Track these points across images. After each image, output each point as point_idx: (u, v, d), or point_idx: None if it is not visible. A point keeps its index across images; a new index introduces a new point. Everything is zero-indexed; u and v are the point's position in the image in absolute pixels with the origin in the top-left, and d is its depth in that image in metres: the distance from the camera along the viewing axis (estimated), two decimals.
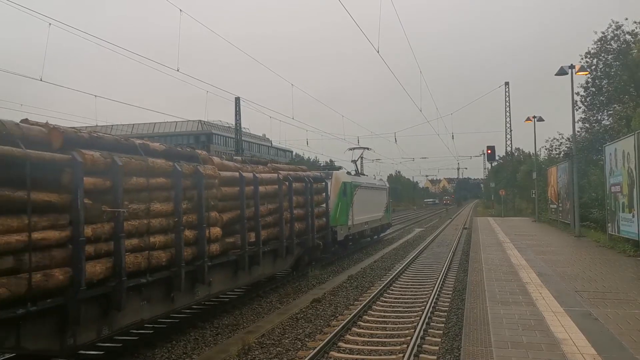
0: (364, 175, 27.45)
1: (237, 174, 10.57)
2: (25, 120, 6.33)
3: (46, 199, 5.91)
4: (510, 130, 55.39)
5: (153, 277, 7.65)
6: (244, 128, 63.63)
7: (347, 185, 20.32)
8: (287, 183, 13.14)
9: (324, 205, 16.66)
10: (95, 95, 50.68)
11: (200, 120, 79.45)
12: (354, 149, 27.11)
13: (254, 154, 78.72)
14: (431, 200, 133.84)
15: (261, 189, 11.48)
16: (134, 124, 79.37)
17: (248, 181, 10.90)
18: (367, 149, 28.65)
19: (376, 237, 27.23)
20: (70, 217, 6.17)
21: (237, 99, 51.62)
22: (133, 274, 7.19)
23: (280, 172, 13.29)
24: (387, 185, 31.60)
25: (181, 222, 8.24)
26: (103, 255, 6.69)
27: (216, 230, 9.46)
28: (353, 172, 23.84)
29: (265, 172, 12.46)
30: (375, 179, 30.75)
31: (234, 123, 54.53)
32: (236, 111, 52.31)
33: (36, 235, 5.71)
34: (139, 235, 7.35)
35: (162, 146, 8.56)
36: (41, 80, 20.84)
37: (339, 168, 22.35)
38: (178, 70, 21.73)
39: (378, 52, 20.27)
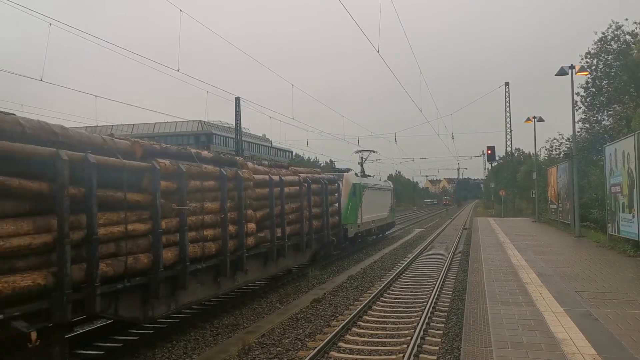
0: (370, 176, 28.35)
1: (267, 177, 12.04)
2: (112, 135, 7.68)
3: (135, 198, 7.38)
4: (510, 131, 55.37)
5: (206, 264, 9.15)
6: (244, 128, 63.65)
7: (357, 187, 21.53)
8: (306, 185, 14.47)
9: (336, 204, 18.18)
10: (96, 96, 50.54)
11: (201, 121, 79.44)
12: (360, 151, 28.22)
13: (254, 154, 78.76)
14: (429, 200, 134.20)
15: (286, 189, 12.88)
16: (134, 124, 79.36)
17: (275, 183, 12.34)
18: (373, 151, 29.64)
19: (381, 235, 28.36)
20: (150, 213, 7.63)
21: (237, 99, 51.62)
22: (192, 261, 8.64)
23: (300, 174, 14.69)
24: (392, 186, 32.74)
25: (226, 219, 9.72)
26: (172, 244, 8.17)
27: (252, 226, 10.95)
28: (359, 174, 24.84)
29: (288, 174, 13.88)
30: (380, 180, 32.34)
31: (234, 123, 54.53)
32: (236, 111, 52.31)
33: (129, 227, 7.18)
34: (195, 229, 8.83)
35: (211, 154, 10.29)
36: (41, 80, 20.85)
37: (348, 170, 23.19)
38: (178, 71, 21.77)
39: (378, 52, 20.27)
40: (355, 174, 23.45)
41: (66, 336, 6.57)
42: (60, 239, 5.96)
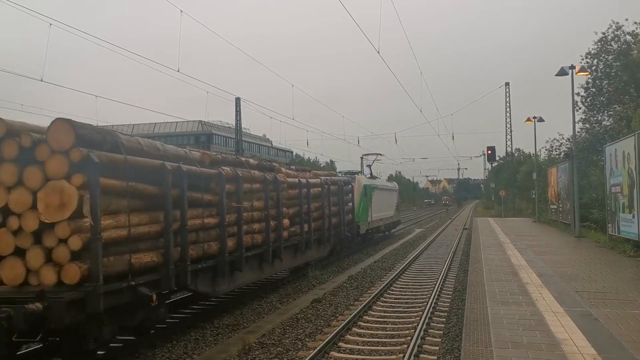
0: (377, 178, 29.85)
1: (297, 180, 14.10)
2: (184, 146, 9.94)
3: (208, 198, 9.37)
4: (511, 131, 55.37)
5: (254, 252, 11.15)
6: (244, 128, 63.66)
7: (367, 188, 23.21)
8: (326, 186, 16.57)
9: (350, 204, 20.02)
10: (96, 96, 50.56)
11: (201, 121, 79.45)
12: (367, 155, 30.46)
13: (254, 154, 78.71)
14: (427, 200, 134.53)
15: (311, 190, 14.99)
16: (134, 124, 79.35)
17: (303, 185, 14.40)
18: (380, 154, 31.32)
19: (388, 232, 29.91)
20: (218, 210, 9.59)
21: (238, 100, 51.63)
22: (245, 249, 10.59)
23: (321, 177, 16.76)
24: (397, 187, 34.64)
25: (269, 215, 11.78)
26: (232, 235, 10.08)
27: (286, 221, 12.99)
28: (368, 175, 26.67)
29: (311, 177, 15.94)
30: (387, 181, 34.49)
31: (234, 123, 54.55)
32: (236, 111, 52.33)
33: (205, 220, 9.15)
34: (247, 223, 10.81)
35: (255, 161, 12.62)
36: (42, 80, 20.86)
37: (359, 172, 25.01)
38: (178, 71, 21.75)
39: (378, 52, 20.28)
40: (365, 176, 25.16)
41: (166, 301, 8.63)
42: (166, 228, 7.99)
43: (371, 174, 27.90)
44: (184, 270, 8.26)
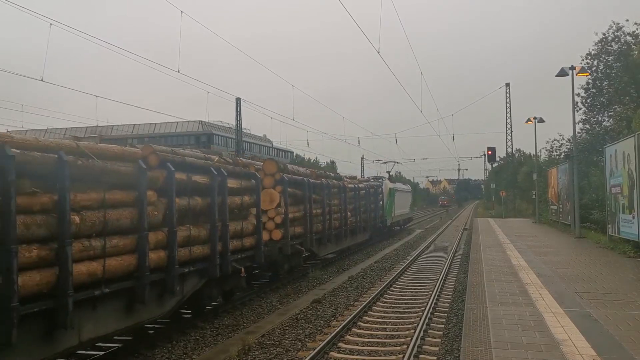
0: (396, 182, 38.00)
1: (353, 185, 21.34)
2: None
3: (315, 197, 15.80)
4: (511, 131, 55.33)
5: (336, 232, 18.27)
6: (245, 129, 63.66)
7: (391, 190, 30.05)
8: (370, 189, 24.08)
9: (381, 202, 27.25)
10: (96, 96, 50.55)
11: (201, 121, 79.42)
12: (387, 162, 40.32)
13: (254, 154, 78.57)
14: (442, 197, 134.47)
15: (360, 192, 22.25)
16: (134, 124, 79.36)
17: (357, 189, 21.70)
18: (397, 162, 41.59)
19: (404, 226, 36.57)
20: (322, 205, 16.57)
21: (238, 100, 51.64)
22: (333, 229, 17.73)
23: (362, 183, 24.18)
24: (411, 189, 43.16)
25: (345, 209, 19.15)
26: (319, 222, 16.50)
27: (349, 214, 19.87)
28: (387, 178, 32.63)
29: (358, 183, 23.58)
30: (403, 184, 42.25)
31: (234, 123, 54.56)
32: (237, 112, 52.34)
33: (316, 211, 15.94)
34: (329, 213, 17.20)
35: (332, 174, 20.56)
36: (42, 80, 20.89)
37: (384, 178, 31.26)
38: (179, 72, 21.75)
39: (379, 52, 20.30)
40: (388, 180, 31.96)
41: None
42: (305, 215, 14.96)
43: (391, 177, 35.11)
44: (327, 234, 16.92)
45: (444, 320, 9.84)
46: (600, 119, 31.45)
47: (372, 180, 29.19)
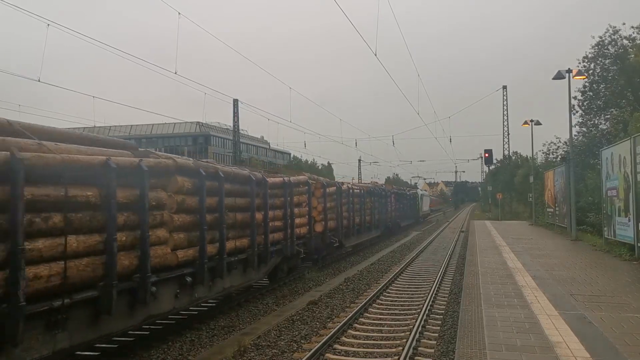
0: (418, 189, 58.68)
1: (404, 192, 40.24)
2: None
3: (343, 200, 20.51)
4: (508, 134, 55.56)
5: (358, 226, 22.76)
6: (242, 130, 63.66)
7: (421, 195, 47.96)
8: (414, 195, 43.14)
9: (408, 203, 40.60)
10: (93, 96, 50.50)
11: (198, 122, 79.40)
12: (416, 176, 65.40)
13: (252, 156, 78.66)
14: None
15: (403, 200, 36.01)
16: (131, 125, 79.28)
17: (407, 195, 40.73)
18: (423, 178, 60.60)
19: (424, 219, 51.40)
20: (347, 206, 20.91)
21: (235, 101, 51.67)
22: (356, 224, 22.34)
23: (409, 191, 44.02)
24: (427, 193, 61.50)
25: (363, 209, 23.82)
26: (344, 218, 20.35)
27: (366, 216, 24.38)
28: (413, 184, 48.19)
29: (402, 191, 39.79)
30: (426, 191, 51.64)
31: (232, 125, 54.55)
32: (234, 113, 52.34)
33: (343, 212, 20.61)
34: (353, 211, 21.60)
35: (357, 185, 26.96)
36: (39, 81, 20.86)
37: (416, 187, 47.98)
38: (176, 73, 21.79)
39: (375, 55, 20.36)
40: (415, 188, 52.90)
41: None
42: (338, 214, 19.46)
43: (415, 186, 52.90)
44: (352, 230, 21.27)
45: (440, 322, 9.85)
46: (596, 122, 31.59)
47: (408, 190, 46.01)
